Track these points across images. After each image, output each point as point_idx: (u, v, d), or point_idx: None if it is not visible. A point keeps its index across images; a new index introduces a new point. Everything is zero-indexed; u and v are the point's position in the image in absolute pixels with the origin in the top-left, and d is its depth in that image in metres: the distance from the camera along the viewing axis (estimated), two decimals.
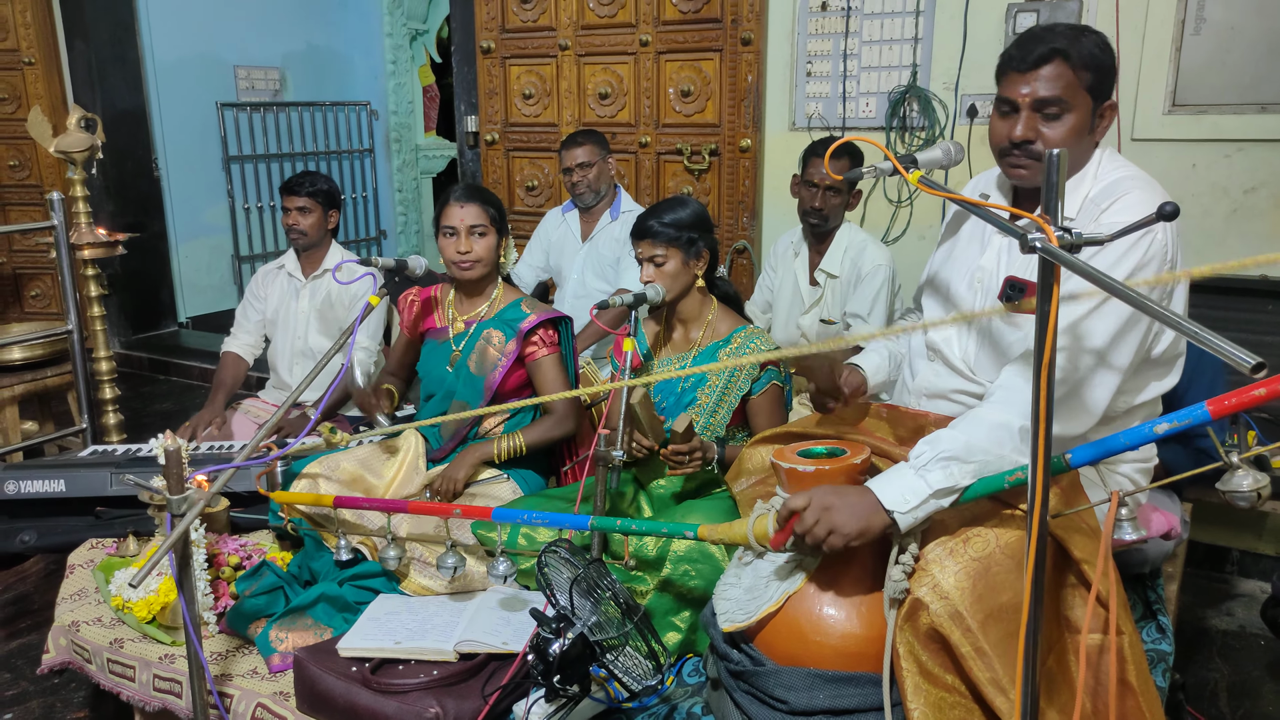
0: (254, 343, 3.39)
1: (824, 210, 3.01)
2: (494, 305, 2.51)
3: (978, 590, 1.46)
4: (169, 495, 1.69)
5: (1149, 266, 1.59)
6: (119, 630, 2.15)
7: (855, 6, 3.71)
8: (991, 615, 1.46)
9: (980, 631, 1.45)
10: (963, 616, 1.44)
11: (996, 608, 1.47)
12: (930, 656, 1.47)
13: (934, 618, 1.45)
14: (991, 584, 1.48)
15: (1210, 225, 3.19)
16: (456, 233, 2.40)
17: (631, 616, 1.60)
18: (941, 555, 1.49)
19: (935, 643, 1.47)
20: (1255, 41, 3.05)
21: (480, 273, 2.46)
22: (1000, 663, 1.45)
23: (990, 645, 1.45)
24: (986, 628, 1.45)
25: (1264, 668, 2.62)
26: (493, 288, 2.53)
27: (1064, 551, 1.54)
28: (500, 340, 2.44)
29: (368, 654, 1.87)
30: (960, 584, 1.46)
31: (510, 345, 2.43)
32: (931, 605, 1.45)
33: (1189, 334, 1.01)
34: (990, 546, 1.50)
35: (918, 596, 1.47)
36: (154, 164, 5.94)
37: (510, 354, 2.42)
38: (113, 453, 2.97)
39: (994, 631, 1.46)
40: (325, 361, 2.11)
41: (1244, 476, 1.25)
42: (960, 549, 1.50)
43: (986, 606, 1.46)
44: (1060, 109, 1.64)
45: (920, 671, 1.47)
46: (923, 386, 1.91)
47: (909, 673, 1.47)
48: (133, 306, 5.92)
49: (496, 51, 4.52)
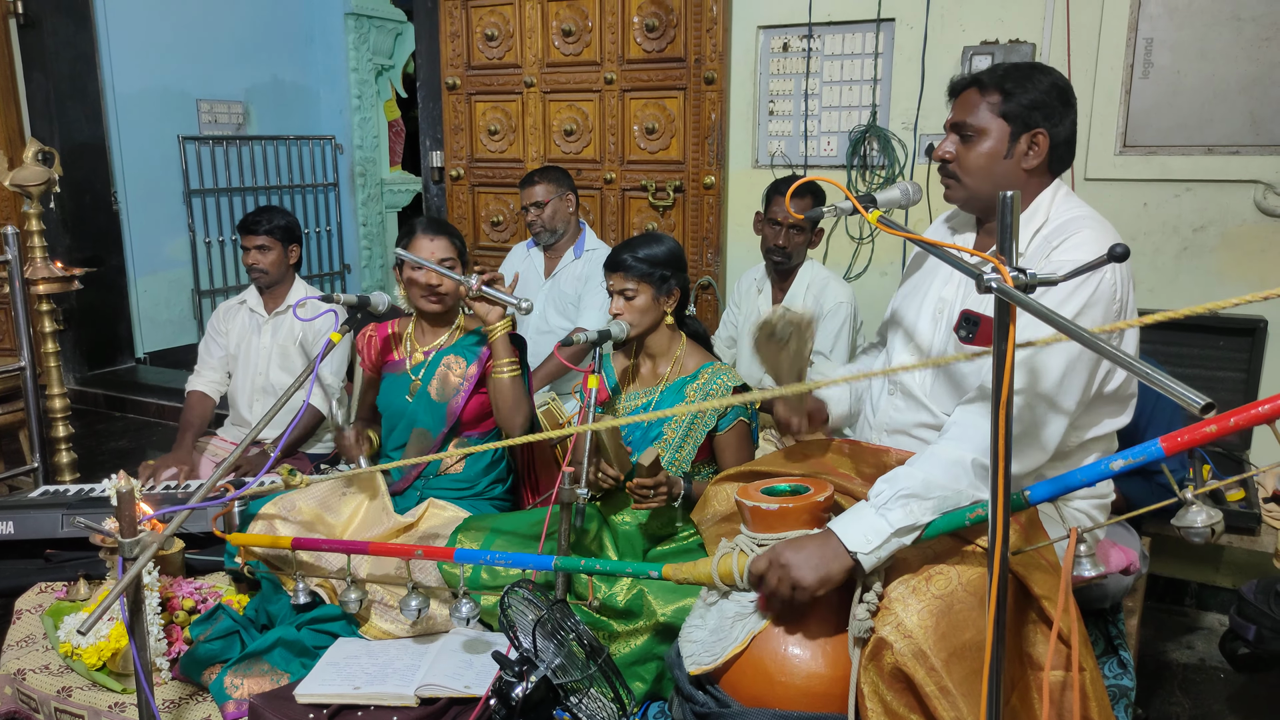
0: (219, 379, 3.34)
1: (787, 248, 3.04)
2: (454, 334, 2.51)
3: (941, 629, 1.46)
4: (121, 538, 1.64)
5: (1097, 305, 1.62)
6: (67, 678, 2.09)
7: (816, 48, 3.78)
8: (955, 654, 1.46)
9: (944, 670, 1.44)
10: (926, 655, 1.44)
11: (960, 646, 1.47)
12: (895, 696, 1.47)
13: (898, 656, 1.45)
14: (954, 622, 1.48)
15: (1161, 263, 3.27)
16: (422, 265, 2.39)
17: (596, 658, 1.58)
18: (905, 594, 1.49)
19: (900, 682, 1.47)
20: (1200, 86, 3.15)
21: (448, 305, 2.47)
22: (965, 702, 1.45)
23: (954, 684, 1.45)
24: (950, 666, 1.45)
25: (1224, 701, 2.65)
26: (455, 317, 2.53)
27: (1024, 589, 1.55)
28: (461, 366, 2.44)
29: (326, 700, 1.83)
30: (924, 622, 1.46)
31: (472, 369, 2.42)
32: (895, 644, 1.45)
33: (1140, 374, 1.03)
34: (952, 584, 1.51)
35: (881, 636, 1.47)
36: (113, 197, 5.86)
37: (472, 378, 2.42)
38: (64, 493, 2.90)
39: (958, 670, 1.46)
40: (286, 399, 2.08)
41: (1198, 513, 1.26)
42: (923, 587, 1.50)
43: (950, 645, 1.46)
44: (973, 132, 1.75)
45: (885, 712, 1.47)
46: (884, 422, 1.92)
47: (874, 713, 1.47)
48: (89, 342, 5.80)
49: (462, 88, 4.54)
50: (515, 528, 2.20)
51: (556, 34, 4.25)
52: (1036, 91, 1.71)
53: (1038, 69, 1.75)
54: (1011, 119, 1.72)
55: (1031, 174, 1.75)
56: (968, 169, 1.77)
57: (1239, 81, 3.10)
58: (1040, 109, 1.72)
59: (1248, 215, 3.14)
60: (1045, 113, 1.72)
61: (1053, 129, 1.73)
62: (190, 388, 3.30)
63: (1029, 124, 1.72)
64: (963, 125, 1.76)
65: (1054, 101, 1.72)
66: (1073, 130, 1.76)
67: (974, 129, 1.75)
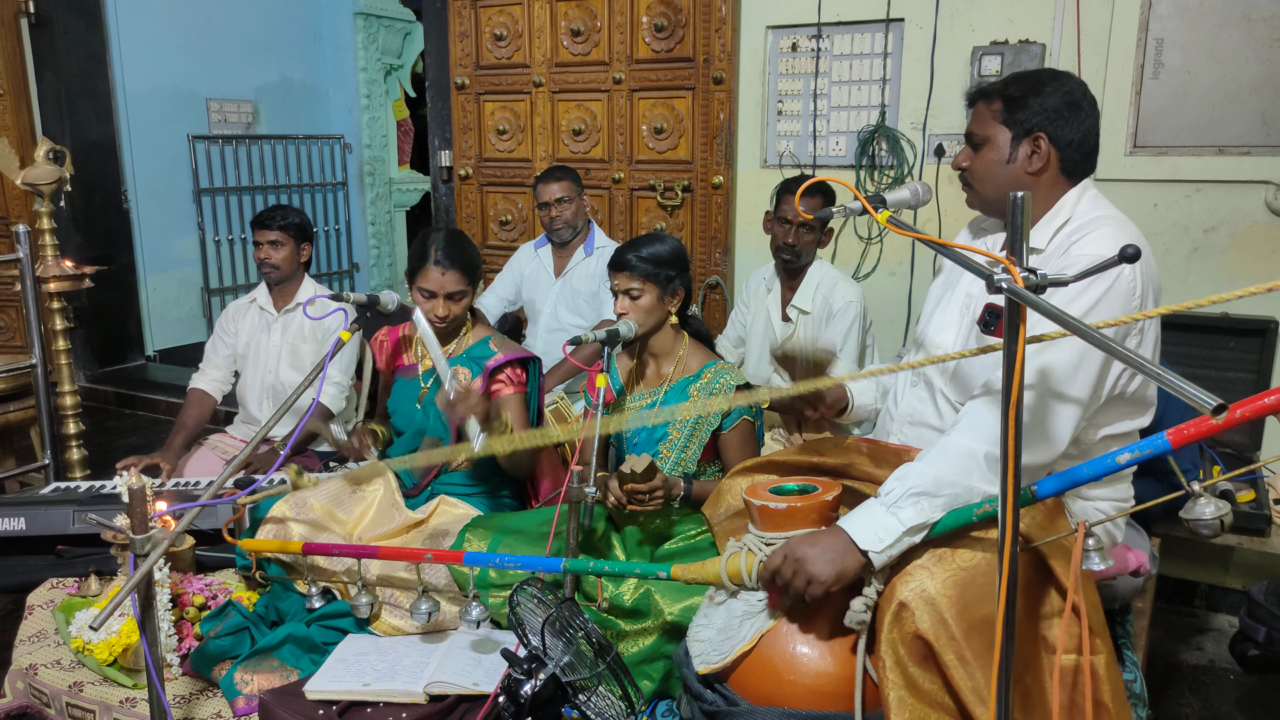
0: (223, 378, 3.34)
1: (797, 246, 3.04)
2: (463, 343, 2.50)
3: (964, 599, 1.48)
4: (132, 534, 1.66)
5: (1113, 301, 1.61)
6: (79, 673, 2.10)
7: (825, 48, 3.78)
8: (974, 626, 1.47)
9: (964, 640, 1.46)
10: (947, 623, 1.46)
11: (980, 619, 1.48)
12: (917, 667, 1.48)
13: (919, 622, 1.46)
14: (976, 595, 1.49)
15: (1172, 263, 3.26)
16: (434, 296, 2.38)
17: (604, 656, 1.59)
18: (930, 562, 1.51)
19: (920, 651, 1.48)
20: (1210, 87, 3.14)
21: (453, 326, 2.46)
22: (984, 674, 1.46)
23: (973, 656, 1.46)
24: (970, 637, 1.46)
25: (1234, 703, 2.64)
26: (462, 327, 2.52)
27: (1048, 571, 1.55)
28: (467, 377, 2.43)
29: (335, 696, 1.83)
30: (946, 591, 1.48)
31: (476, 383, 2.41)
32: (916, 610, 1.46)
33: (1151, 375, 1.03)
34: (977, 558, 1.52)
35: (903, 599, 1.48)
36: (123, 196, 5.88)
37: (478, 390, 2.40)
38: (75, 490, 2.92)
39: (977, 642, 1.47)
40: (295, 397, 2.09)
41: (1206, 505, 1.27)
42: (949, 556, 1.52)
43: (970, 617, 1.48)
44: (980, 140, 1.81)
45: (906, 684, 1.47)
46: (906, 414, 1.95)
47: (893, 685, 1.47)
48: (99, 340, 5.83)
49: (471, 87, 4.55)
50: (524, 526, 2.20)
51: (565, 34, 4.26)
52: (1038, 97, 1.74)
53: (1046, 75, 1.77)
54: (1012, 125, 1.77)
55: (1039, 177, 1.76)
56: (978, 176, 1.84)
57: (1250, 82, 3.09)
58: (1041, 114, 1.74)
59: (1259, 216, 3.12)
60: (1047, 117, 1.74)
61: (1057, 134, 1.73)
62: (193, 385, 3.31)
63: (1029, 129, 1.75)
64: (971, 135, 1.84)
65: (1059, 106, 1.74)
66: (1087, 135, 1.76)
67: (980, 137, 1.81)
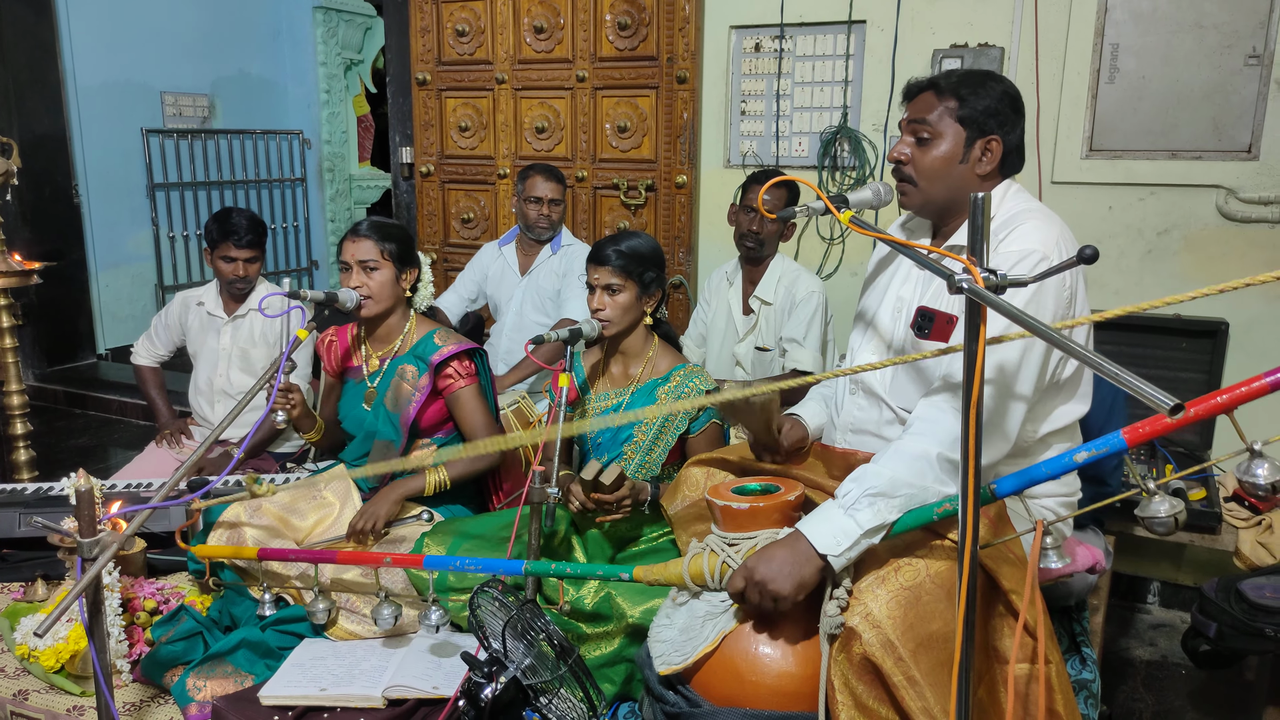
0: (163, 355, 3.41)
1: (761, 234, 3.07)
2: (407, 339, 2.43)
3: (908, 619, 1.48)
4: (80, 538, 1.61)
5: (1047, 294, 1.64)
6: (24, 681, 2.04)
7: (788, 49, 3.79)
8: (922, 644, 1.47)
9: (912, 660, 1.46)
10: (894, 645, 1.46)
11: (927, 636, 1.48)
12: (865, 688, 1.48)
13: (866, 646, 1.46)
14: (922, 613, 1.49)
15: (1126, 265, 3.31)
16: (349, 268, 2.33)
17: (566, 659, 1.57)
18: (873, 584, 1.51)
19: (869, 673, 1.48)
20: (1164, 92, 3.20)
21: (375, 310, 2.36)
22: (931, 692, 1.46)
23: (922, 674, 1.46)
24: (918, 656, 1.46)
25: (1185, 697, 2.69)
26: (403, 322, 2.45)
27: (993, 582, 1.56)
28: (413, 374, 2.38)
29: (291, 702, 1.80)
30: (892, 613, 1.47)
31: (423, 379, 2.36)
32: (864, 635, 1.46)
33: (1108, 375, 1.03)
34: (920, 575, 1.52)
35: (850, 626, 1.48)
36: (74, 190, 5.75)
37: (424, 388, 2.36)
38: (22, 492, 2.83)
39: (925, 660, 1.47)
40: (249, 398, 2.04)
41: (1161, 502, 1.28)
42: (891, 577, 1.52)
43: (917, 635, 1.48)
44: (930, 134, 1.76)
45: (855, 705, 1.47)
46: (848, 422, 1.94)
47: (844, 706, 1.47)
48: (48, 338, 5.68)
49: (432, 83, 4.50)
50: (483, 531, 2.17)
51: (528, 30, 4.23)
52: (991, 99, 1.75)
53: (990, 76, 1.79)
54: (968, 124, 1.76)
55: (985, 179, 1.79)
56: (923, 172, 1.78)
57: (1202, 88, 3.15)
58: (995, 116, 1.75)
59: (1210, 219, 3.19)
60: (1000, 120, 1.76)
61: (1005, 136, 1.77)
62: (137, 362, 3.37)
63: (984, 130, 1.76)
64: (921, 123, 1.77)
65: (1007, 109, 1.76)
66: (1022, 138, 1.81)
67: (931, 131, 1.76)
